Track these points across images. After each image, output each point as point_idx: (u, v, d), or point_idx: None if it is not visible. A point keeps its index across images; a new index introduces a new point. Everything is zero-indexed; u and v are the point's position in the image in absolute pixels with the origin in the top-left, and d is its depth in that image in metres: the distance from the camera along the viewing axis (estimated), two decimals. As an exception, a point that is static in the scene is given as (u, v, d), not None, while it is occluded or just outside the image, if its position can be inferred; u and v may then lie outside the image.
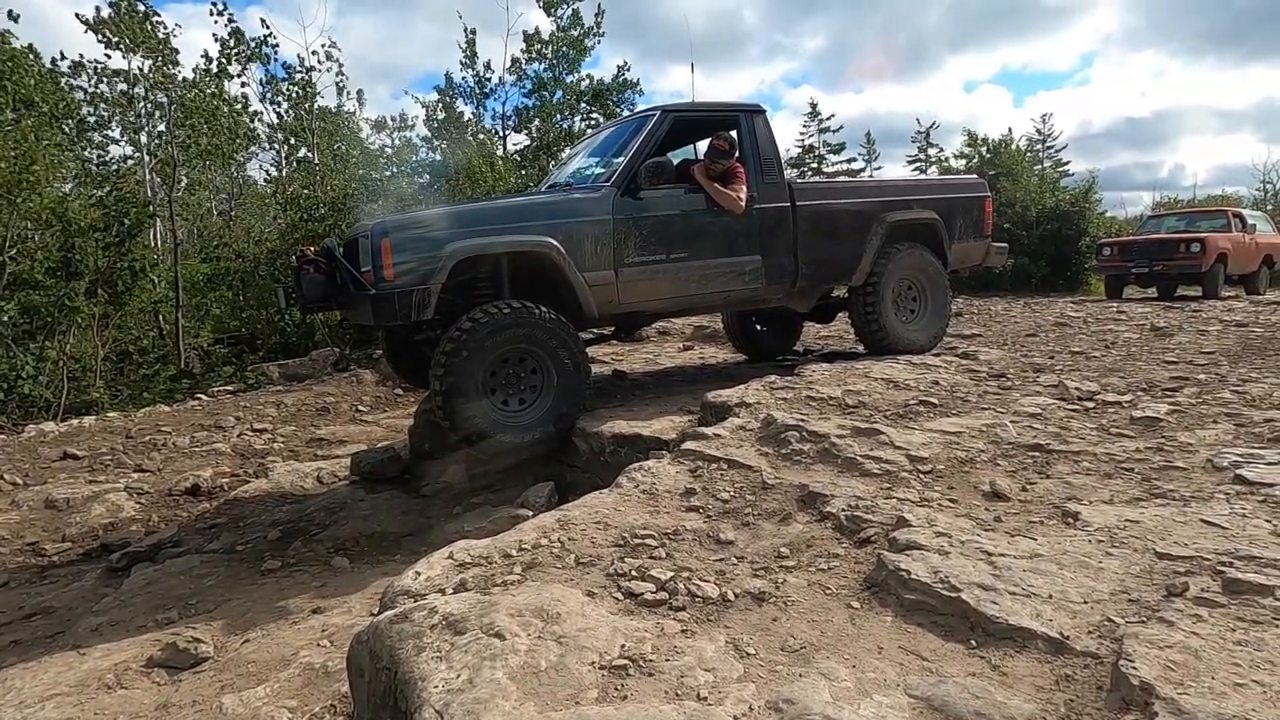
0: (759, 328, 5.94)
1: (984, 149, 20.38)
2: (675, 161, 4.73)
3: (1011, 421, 2.98)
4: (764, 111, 4.52)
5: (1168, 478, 2.30)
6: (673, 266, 4.09)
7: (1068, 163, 22.68)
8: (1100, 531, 1.93)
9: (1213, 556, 1.72)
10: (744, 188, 4.21)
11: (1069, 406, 3.22)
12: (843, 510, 2.21)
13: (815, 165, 25.06)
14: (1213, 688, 1.26)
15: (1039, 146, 21.82)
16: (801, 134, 25.97)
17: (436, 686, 1.41)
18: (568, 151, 5.52)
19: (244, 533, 3.97)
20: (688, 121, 4.57)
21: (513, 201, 4.06)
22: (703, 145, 4.56)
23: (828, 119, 25.23)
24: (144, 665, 2.53)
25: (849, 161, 25.81)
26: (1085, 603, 1.60)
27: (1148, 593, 1.61)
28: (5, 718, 2.25)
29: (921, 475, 2.47)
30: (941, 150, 24.47)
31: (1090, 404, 3.23)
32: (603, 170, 4.25)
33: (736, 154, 4.26)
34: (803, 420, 3.03)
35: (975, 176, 5.56)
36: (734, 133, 4.39)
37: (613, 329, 4.79)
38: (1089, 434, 2.81)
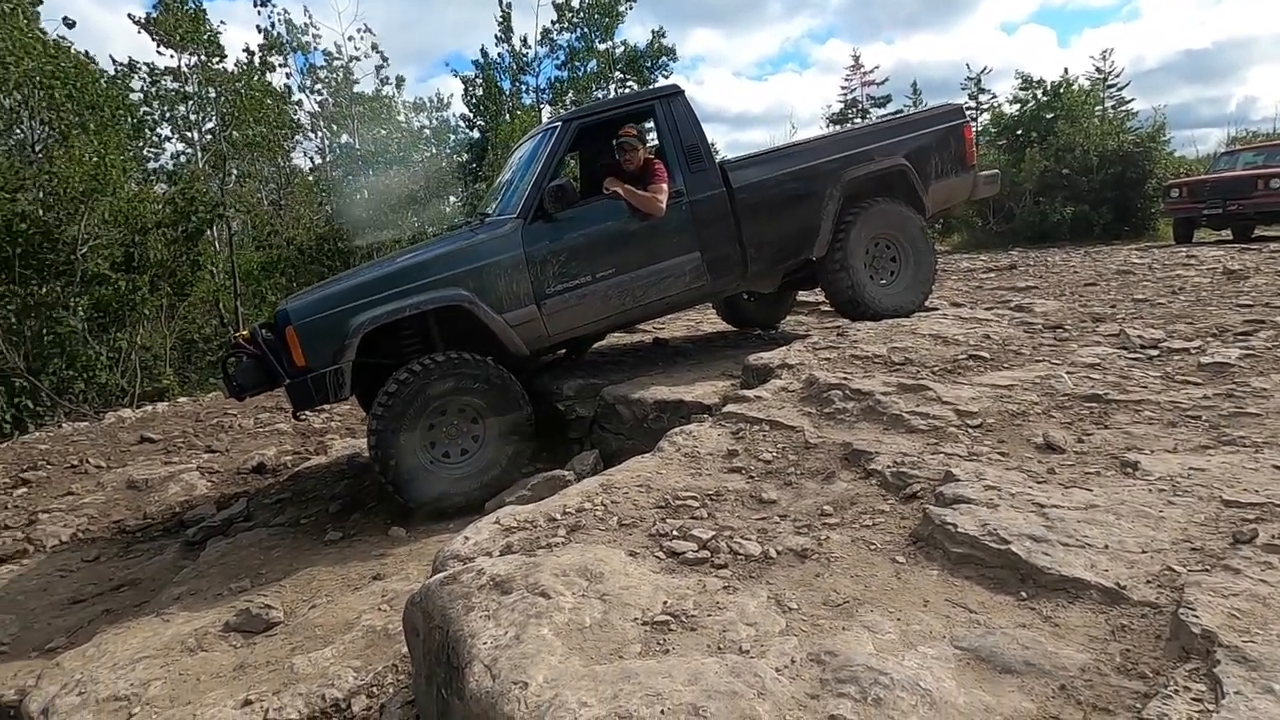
0: (747, 299, 5.61)
1: (1039, 91, 19.26)
2: (601, 162, 4.47)
3: (1068, 372, 2.86)
4: (681, 93, 4.16)
5: (1238, 424, 2.18)
6: (600, 286, 3.85)
7: (1131, 100, 21.22)
8: (1162, 481, 1.85)
9: (1285, 503, 1.63)
10: (664, 184, 3.92)
11: (1131, 355, 3.07)
12: (888, 467, 2.17)
13: (860, 120, 24.17)
14: (1281, 635, 1.20)
15: (1101, 86, 20.45)
16: (844, 88, 25.04)
17: (485, 643, 1.46)
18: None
19: (307, 506, 4.15)
20: (595, 125, 4.20)
21: (415, 259, 3.75)
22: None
23: (870, 71, 24.23)
24: (221, 630, 2.69)
25: (896, 114, 24.83)
26: (1144, 552, 1.54)
27: (1212, 541, 1.54)
28: (101, 677, 2.43)
29: (970, 430, 2.40)
30: (994, 97, 23.15)
31: (1154, 352, 3.08)
32: (510, 197, 4.01)
33: (645, 144, 3.96)
34: (846, 379, 2.97)
35: (949, 105, 4.98)
36: (650, 123, 4.13)
37: (563, 350, 4.52)
38: (1152, 382, 2.68)
